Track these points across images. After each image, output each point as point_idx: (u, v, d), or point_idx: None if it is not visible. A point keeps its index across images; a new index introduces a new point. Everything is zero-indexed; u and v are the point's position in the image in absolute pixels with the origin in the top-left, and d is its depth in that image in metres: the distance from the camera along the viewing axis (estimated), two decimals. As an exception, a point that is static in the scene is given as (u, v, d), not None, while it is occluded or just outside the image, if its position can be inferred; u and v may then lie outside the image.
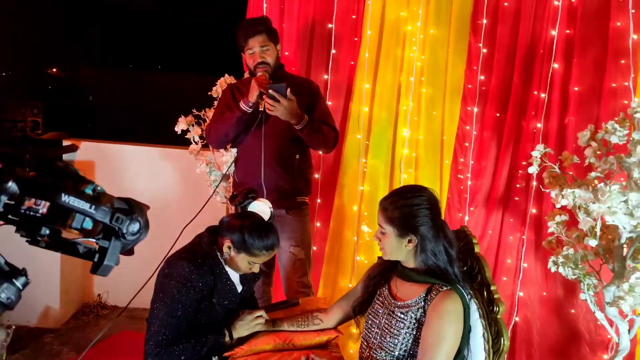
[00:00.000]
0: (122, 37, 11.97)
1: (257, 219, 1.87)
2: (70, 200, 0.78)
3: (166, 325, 1.77)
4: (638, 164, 1.95)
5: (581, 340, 2.76)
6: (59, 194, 0.77)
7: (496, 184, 2.93)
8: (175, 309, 1.77)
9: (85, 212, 0.80)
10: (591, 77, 2.72)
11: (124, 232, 0.84)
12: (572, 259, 2.20)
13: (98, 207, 0.80)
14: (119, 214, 0.83)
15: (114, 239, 0.83)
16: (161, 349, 1.76)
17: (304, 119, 2.39)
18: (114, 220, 0.83)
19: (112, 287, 3.74)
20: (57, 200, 0.77)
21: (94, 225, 0.82)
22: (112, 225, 0.82)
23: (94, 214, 0.80)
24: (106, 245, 0.84)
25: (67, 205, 0.78)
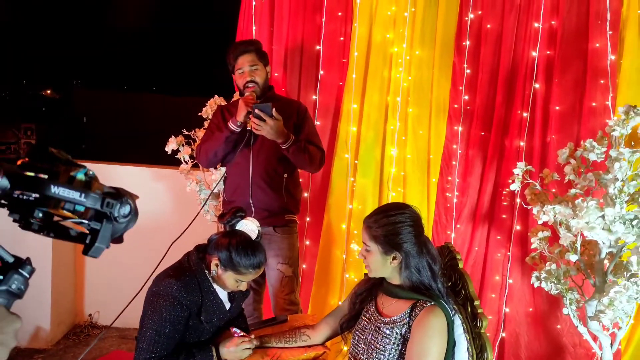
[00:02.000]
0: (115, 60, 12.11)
1: (244, 237, 1.89)
2: (60, 192, 0.80)
3: (154, 343, 1.78)
4: (614, 180, 2.01)
5: (566, 354, 2.79)
6: (48, 186, 0.80)
7: (481, 202, 2.98)
8: (163, 327, 1.79)
9: (76, 201, 0.82)
10: (571, 97, 2.79)
11: (115, 216, 0.87)
12: (554, 274, 2.24)
13: (88, 194, 0.83)
14: (109, 199, 0.86)
15: (105, 221, 0.86)
16: None
17: (290, 139, 2.44)
18: (104, 206, 0.86)
19: (103, 307, 3.74)
20: (47, 193, 0.80)
21: (86, 208, 0.85)
22: (103, 210, 0.85)
23: (84, 202, 0.83)
24: (98, 227, 0.86)
25: (57, 197, 0.81)
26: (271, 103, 2.37)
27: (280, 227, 2.63)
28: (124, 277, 2.39)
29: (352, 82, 3.04)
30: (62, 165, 0.86)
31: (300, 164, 2.56)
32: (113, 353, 3.43)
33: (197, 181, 3.00)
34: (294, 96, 3.12)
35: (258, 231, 1.94)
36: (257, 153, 2.55)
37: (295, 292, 2.68)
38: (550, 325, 2.84)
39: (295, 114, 2.62)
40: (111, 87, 13.18)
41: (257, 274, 1.91)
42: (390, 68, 3.05)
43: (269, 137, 2.39)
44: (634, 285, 1.93)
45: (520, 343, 2.91)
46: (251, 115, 2.36)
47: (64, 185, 0.81)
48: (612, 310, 1.95)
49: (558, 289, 2.26)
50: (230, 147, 2.54)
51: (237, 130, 2.48)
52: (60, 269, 3.54)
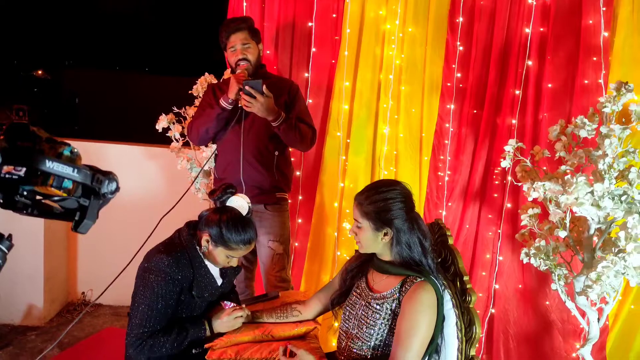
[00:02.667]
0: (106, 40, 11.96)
1: (235, 213, 1.90)
2: (54, 166, 0.81)
3: (147, 318, 1.80)
4: (603, 155, 2.01)
5: (554, 329, 2.83)
6: (42, 160, 0.80)
7: (473, 180, 2.99)
8: (156, 302, 1.81)
9: (69, 175, 0.83)
10: (564, 74, 2.78)
11: (104, 192, 0.88)
12: (543, 251, 2.26)
13: (80, 170, 0.84)
14: (99, 175, 0.86)
15: (93, 197, 0.87)
16: (142, 341, 1.80)
17: (281, 116, 2.43)
18: (94, 181, 0.86)
19: (96, 284, 3.76)
20: (42, 166, 0.80)
21: (73, 184, 0.85)
22: (92, 186, 0.86)
23: (77, 177, 0.83)
24: (86, 203, 0.87)
25: (52, 171, 0.81)
26: (262, 80, 2.36)
27: (271, 205, 2.64)
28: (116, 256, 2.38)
29: (345, 59, 3.01)
30: (45, 142, 0.86)
31: (291, 142, 2.56)
32: (106, 330, 3.44)
33: (188, 159, 2.99)
34: (286, 74, 3.10)
35: (248, 207, 1.95)
36: (248, 130, 2.55)
37: (286, 270, 2.71)
38: (539, 302, 2.87)
39: (286, 92, 2.61)
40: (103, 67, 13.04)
41: (247, 249, 1.92)
42: (383, 45, 3.02)
43: (259, 114, 2.38)
44: (622, 260, 1.95)
45: (509, 319, 2.95)
46: (241, 92, 2.35)
47: (57, 160, 0.81)
48: (599, 285, 1.98)
49: (547, 265, 2.28)
50: (221, 125, 2.53)
51: (229, 108, 2.47)
52: (52, 246, 3.54)
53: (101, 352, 3.09)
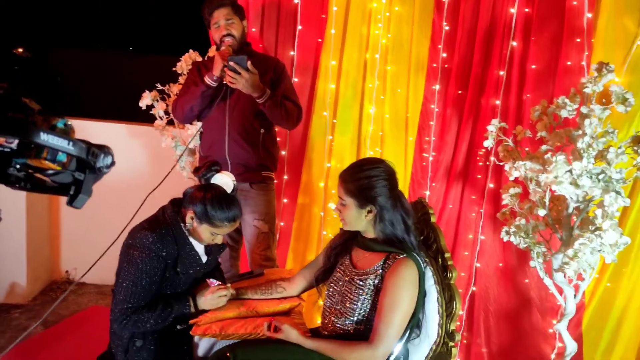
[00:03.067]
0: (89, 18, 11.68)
1: (219, 191, 1.90)
2: (49, 139, 0.79)
3: (131, 294, 1.82)
4: (582, 135, 2.05)
5: (533, 306, 2.89)
6: (37, 132, 0.78)
7: (456, 160, 3.01)
8: (140, 278, 1.82)
9: (64, 148, 0.81)
10: (548, 55, 2.79)
11: (99, 166, 0.87)
12: (523, 229, 2.31)
13: (75, 143, 0.83)
14: (94, 149, 0.85)
15: (88, 171, 0.86)
16: (126, 316, 1.82)
17: (266, 93, 2.42)
18: (90, 155, 0.85)
19: (80, 263, 3.75)
20: (37, 139, 0.78)
21: (68, 158, 0.84)
22: (87, 160, 0.85)
23: (72, 150, 0.82)
24: (81, 177, 0.86)
25: (46, 144, 0.79)
26: (246, 56, 2.35)
27: (257, 184, 2.64)
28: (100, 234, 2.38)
29: (331, 38, 3.00)
30: (38, 115, 0.84)
31: (276, 119, 2.55)
32: (91, 308, 3.46)
33: (172, 137, 2.98)
34: (272, 52, 3.08)
35: (233, 185, 1.95)
36: (234, 107, 2.53)
37: (271, 248, 2.72)
38: (519, 280, 2.93)
39: (272, 70, 2.60)
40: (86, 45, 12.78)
41: (232, 227, 1.93)
42: (369, 24, 3.01)
43: (244, 90, 2.37)
44: (598, 238, 2.00)
45: (489, 296, 3.01)
46: (226, 68, 2.34)
47: (51, 132, 0.80)
48: (576, 262, 2.03)
49: (526, 243, 2.33)
50: (206, 102, 2.52)
51: (214, 85, 2.45)
52: (34, 225, 3.52)
53: (86, 330, 3.11)
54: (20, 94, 0.84)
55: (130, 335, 1.91)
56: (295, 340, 1.78)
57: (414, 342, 1.87)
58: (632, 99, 2.10)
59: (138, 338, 1.92)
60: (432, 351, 1.86)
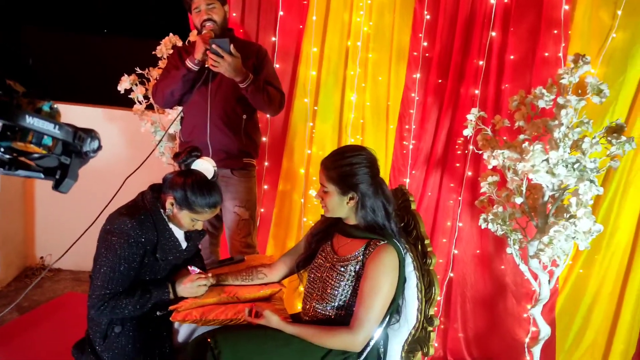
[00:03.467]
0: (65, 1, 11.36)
1: (200, 176, 1.88)
2: (34, 122, 0.78)
3: (109, 280, 1.80)
4: (559, 125, 2.09)
5: (508, 292, 2.97)
6: (22, 115, 0.77)
7: (435, 149, 3.05)
8: (118, 264, 1.80)
9: (50, 132, 0.80)
10: (525, 46, 2.83)
11: (86, 150, 0.86)
12: (500, 217, 2.36)
13: (62, 126, 0.81)
14: (81, 133, 0.84)
15: (74, 155, 0.85)
16: (104, 302, 1.80)
17: (249, 77, 2.41)
18: (76, 139, 0.84)
19: (55, 249, 3.70)
20: (22, 122, 0.77)
21: (53, 141, 0.82)
22: (74, 144, 0.84)
23: (57, 133, 0.81)
24: (67, 162, 0.85)
25: (32, 127, 0.78)
26: (229, 39, 2.33)
27: (238, 170, 2.63)
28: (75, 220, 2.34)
29: (313, 24, 2.99)
30: (22, 97, 0.83)
31: (259, 104, 2.54)
32: (66, 295, 3.43)
33: (152, 122, 2.94)
34: (253, 38, 3.05)
35: (214, 171, 1.94)
36: (215, 92, 2.51)
37: (252, 235, 2.72)
38: (495, 266, 2.99)
39: (254, 55, 2.58)
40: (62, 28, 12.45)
41: (212, 213, 1.92)
42: (351, 11, 3.01)
43: (226, 74, 2.35)
44: (572, 225, 2.05)
45: (466, 282, 3.07)
46: (208, 51, 2.31)
47: (37, 115, 0.78)
48: (551, 249, 2.08)
49: (503, 230, 2.38)
50: (187, 87, 2.49)
51: (195, 69, 2.43)
52: (7, 210, 3.46)
53: (62, 316, 3.09)
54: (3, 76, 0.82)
55: (108, 321, 1.89)
56: (276, 325, 1.79)
57: (394, 327, 1.90)
58: (607, 91, 2.15)
59: (116, 324, 1.90)
60: (411, 336, 1.89)
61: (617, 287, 2.88)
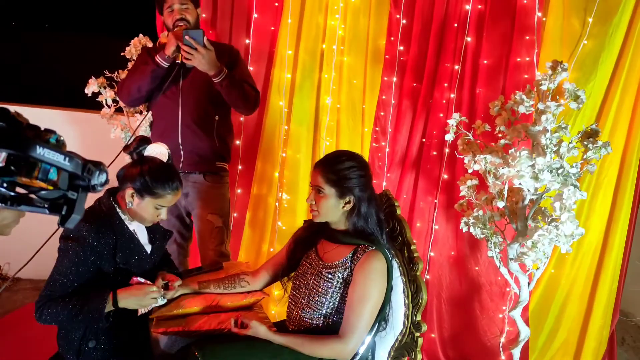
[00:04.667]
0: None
1: (156, 161, 1.81)
2: (45, 153, 0.72)
3: (53, 283, 1.70)
4: (544, 131, 2.14)
5: (483, 292, 3.02)
6: (33, 146, 0.71)
7: (410, 152, 3.07)
8: (67, 267, 1.70)
9: (60, 164, 0.75)
10: (499, 51, 2.89)
11: (94, 184, 0.80)
12: (481, 220, 2.38)
13: (72, 158, 0.76)
14: (90, 165, 0.79)
15: (81, 190, 0.79)
16: (43, 304, 1.69)
17: (223, 71, 2.33)
18: (85, 172, 0.79)
19: (14, 258, 3.52)
20: (32, 153, 0.71)
21: (58, 175, 0.77)
22: (82, 177, 0.78)
23: (68, 166, 0.76)
24: (74, 197, 0.79)
25: (41, 159, 0.72)
26: (203, 30, 2.26)
27: (210, 175, 2.55)
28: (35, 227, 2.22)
29: (287, 27, 2.95)
30: (28, 129, 0.77)
31: (233, 100, 2.45)
32: (28, 306, 3.27)
33: (122, 127, 2.84)
34: (225, 40, 2.99)
35: (168, 153, 1.87)
36: (187, 91, 2.43)
37: (225, 244, 2.63)
38: (470, 267, 3.04)
39: (227, 55, 2.51)
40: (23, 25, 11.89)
41: (176, 197, 1.83)
42: (326, 15, 2.99)
43: (200, 67, 2.28)
44: (555, 229, 2.10)
45: (442, 284, 3.10)
46: (181, 44, 2.24)
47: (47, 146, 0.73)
48: (534, 252, 2.12)
49: (484, 234, 2.41)
50: (155, 83, 2.39)
51: (165, 65, 2.34)
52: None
53: (24, 330, 2.94)
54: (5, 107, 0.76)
55: (81, 336, 1.80)
56: (263, 335, 1.75)
57: (381, 334, 1.89)
58: (583, 97, 2.20)
59: (90, 339, 1.81)
60: (397, 342, 1.88)
61: (588, 286, 2.97)
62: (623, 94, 2.82)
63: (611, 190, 2.89)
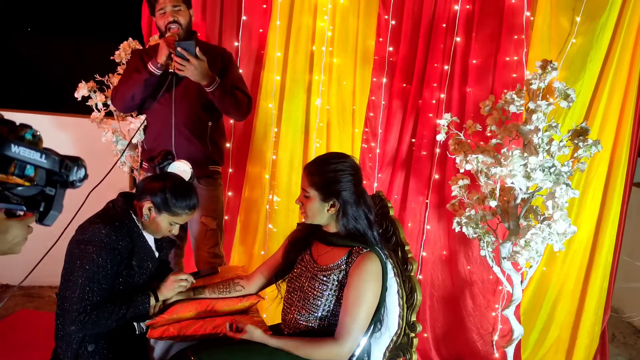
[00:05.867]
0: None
1: (177, 179, 1.88)
2: (20, 151, 0.71)
3: (88, 291, 1.72)
4: (536, 130, 2.15)
5: (475, 290, 3.03)
6: (7, 144, 0.70)
7: (401, 152, 3.08)
8: (96, 272, 1.73)
9: (36, 162, 0.74)
10: (488, 51, 2.91)
11: (72, 180, 0.79)
12: (473, 220, 2.39)
13: (48, 155, 0.75)
14: (67, 161, 0.78)
15: (59, 185, 0.78)
16: (85, 315, 1.72)
17: (216, 81, 2.34)
18: (63, 168, 0.78)
19: (3, 264, 3.47)
20: (6, 151, 0.70)
21: (35, 171, 0.76)
22: (60, 173, 0.77)
23: (45, 163, 0.74)
24: (52, 193, 0.78)
25: (16, 157, 0.71)
26: (194, 41, 2.26)
27: (204, 179, 2.56)
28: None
29: (276, 29, 2.95)
30: (2, 125, 0.76)
31: (226, 109, 2.47)
32: (20, 312, 3.23)
33: (113, 131, 2.82)
34: (215, 42, 2.99)
35: (191, 172, 1.91)
36: (180, 99, 2.43)
37: (219, 245, 2.65)
38: (462, 266, 3.05)
39: (219, 60, 2.52)
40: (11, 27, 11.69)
41: (191, 215, 1.91)
42: (315, 16, 2.99)
43: (193, 78, 2.28)
44: (547, 228, 2.11)
45: (434, 283, 3.11)
46: (174, 55, 2.23)
47: (22, 144, 0.72)
48: (527, 251, 2.13)
49: (476, 233, 2.42)
50: (149, 91, 2.40)
51: (157, 73, 2.34)
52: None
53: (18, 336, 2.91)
54: None
55: (80, 339, 1.81)
56: (259, 339, 1.75)
57: (376, 335, 1.89)
58: (573, 95, 2.22)
59: (90, 342, 1.82)
60: (392, 342, 1.89)
61: (579, 283, 2.99)
62: (611, 91, 2.85)
63: (601, 187, 2.92)
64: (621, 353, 3.46)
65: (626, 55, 2.82)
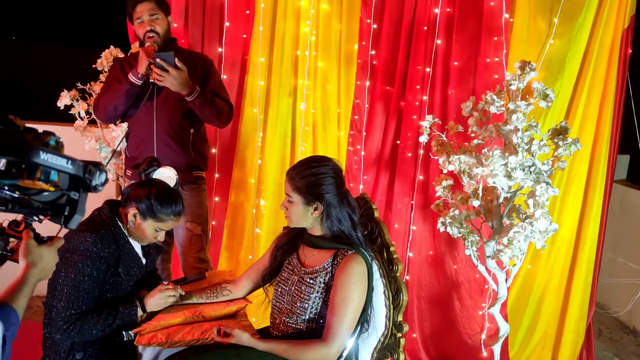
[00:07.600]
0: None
1: (162, 185, 1.88)
2: (48, 158, 0.73)
3: (74, 300, 1.73)
4: (515, 130, 2.19)
5: (462, 290, 3.06)
6: (37, 152, 0.71)
7: (385, 154, 3.10)
8: (82, 281, 1.74)
9: (62, 168, 0.75)
10: (468, 53, 2.94)
11: (95, 184, 0.81)
12: (458, 219, 2.42)
13: (74, 161, 0.77)
14: (90, 167, 0.80)
15: (82, 190, 0.80)
16: (70, 324, 1.72)
17: (196, 90, 2.35)
18: (87, 173, 0.79)
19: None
20: (36, 159, 0.71)
21: (58, 176, 0.77)
22: (84, 178, 0.79)
23: (70, 168, 0.76)
24: (76, 197, 0.80)
25: (45, 163, 0.73)
26: (173, 52, 2.27)
27: (188, 185, 2.56)
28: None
29: (259, 35, 2.96)
30: (27, 132, 0.77)
31: (207, 117, 2.49)
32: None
33: (96, 139, 2.81)
34: (197, 48, 2.98)
35: (176, 178, 1.92)
36: (161, 107, 2.44)
37: (204, 250, 2.66)
38: (448, 266, 3.08)
39: (200, 67, 2.53)
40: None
41: (176, 222, 1.91)
42: (298, 21, 3.00)
43: (172, 88, 2.30)
44: (529, 226, 2.15)
45: (421, 284, 3.13)
46: (153, 66, 2.24)
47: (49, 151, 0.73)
48: (510, 249, 2.16)
49: (461, 233, 2.45)
50: (131, 101, 2.40)
51: (138, 83, 2.34)
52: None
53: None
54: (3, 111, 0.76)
55: (68, 348, 1.81)
56: (247, 343, 1.76)
57: (363, 336, 1.91)
58: (552, 95, 2.26)
59: (78, 350, 1.82)
60: (379, 343, 1.90)
61: (564, 280, 3.03)
62: (590, 91, 2.89)
63: (582, 185, 2.96)
64: (607, 348, 3.51)
65: (604, 54, 2.87)
